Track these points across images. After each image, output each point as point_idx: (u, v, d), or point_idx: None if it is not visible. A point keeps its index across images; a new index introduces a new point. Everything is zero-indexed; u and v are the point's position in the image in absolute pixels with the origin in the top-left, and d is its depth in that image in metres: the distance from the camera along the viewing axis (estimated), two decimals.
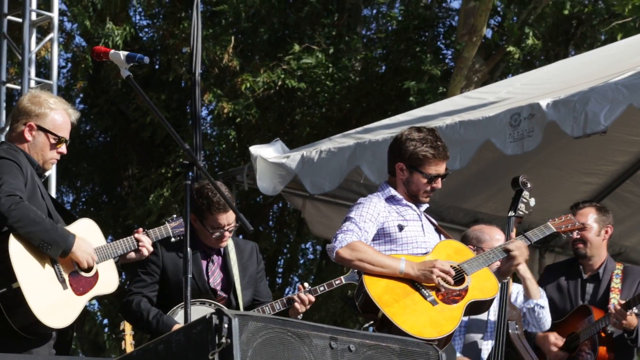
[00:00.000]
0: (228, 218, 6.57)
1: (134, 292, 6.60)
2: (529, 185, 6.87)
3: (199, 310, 6.50)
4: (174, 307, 6.57)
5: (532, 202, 6.87)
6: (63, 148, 5.88)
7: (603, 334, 7.55)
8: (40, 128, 5.80)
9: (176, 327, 6.35)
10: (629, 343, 7.51)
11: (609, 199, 10.62)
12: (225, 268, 6.75)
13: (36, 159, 5.81)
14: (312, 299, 6.71)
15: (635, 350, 7.69)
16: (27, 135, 5.79)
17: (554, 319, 7.57)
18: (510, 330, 7.06)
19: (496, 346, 6.89)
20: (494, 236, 7.34)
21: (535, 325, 7.26)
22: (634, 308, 7.36)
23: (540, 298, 7.21)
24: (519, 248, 6.42)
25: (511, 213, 6.83)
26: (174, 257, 6.61)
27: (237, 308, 6.65)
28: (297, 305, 6.67)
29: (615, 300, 7.53)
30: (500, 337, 6.87)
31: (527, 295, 7.21)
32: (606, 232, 7.76)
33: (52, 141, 5.83)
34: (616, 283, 7.67)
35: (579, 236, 7.64)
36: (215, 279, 6.74)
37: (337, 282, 6.89)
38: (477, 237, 7.36)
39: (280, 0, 16.17)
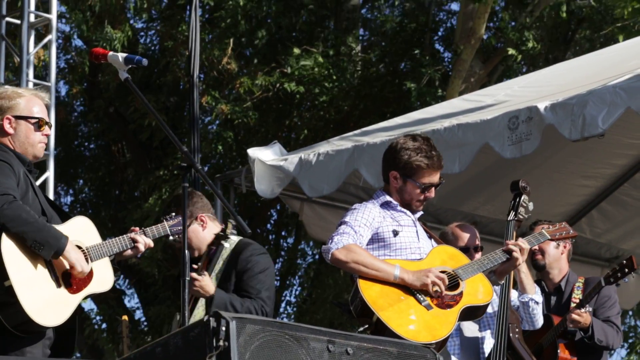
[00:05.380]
0: None
1: None
2: (528, 189, 6.89)
3: None
4: None
5: (531, 206, 6.89)
6: (47, 130, 5.90)
7: (564, 338, 7.69)
8: (17, 117, 5.82)
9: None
10: (585, 340, 7.64)
11: (607, 202, 10.64)
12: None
13: (23, 151, 5.82)
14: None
15: (604, 353, 7.81)
16: (8, 129, 5.79)
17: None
18: (510, 334, 7.04)
19: (497, 348, 6.86)
20: (459, 237, 7.33)
21: (528, 322, 7.20)
22: (587, 306, 7.55)
23: (535, 294, 7.16)
24: (521, 250, 6.40)
25: (511, 217, 6.84)
26: None
27: None
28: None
29: None
30: (501, 338, 6.84)
31: (522, 290, 7.11)
32: (565, 246, 7.91)
33: (32, 124, 5.84)
34: (577, 294, 7.83)
35: (537, 248, 7.74)
36: None
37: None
38: (443, 236, 7.31)
39: (277, 5, 16.14)
